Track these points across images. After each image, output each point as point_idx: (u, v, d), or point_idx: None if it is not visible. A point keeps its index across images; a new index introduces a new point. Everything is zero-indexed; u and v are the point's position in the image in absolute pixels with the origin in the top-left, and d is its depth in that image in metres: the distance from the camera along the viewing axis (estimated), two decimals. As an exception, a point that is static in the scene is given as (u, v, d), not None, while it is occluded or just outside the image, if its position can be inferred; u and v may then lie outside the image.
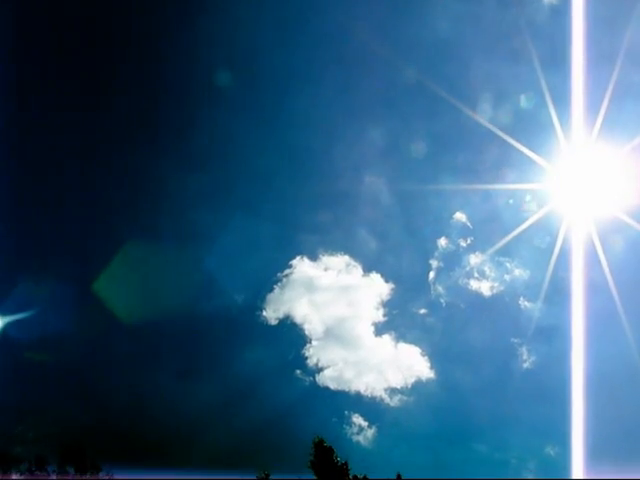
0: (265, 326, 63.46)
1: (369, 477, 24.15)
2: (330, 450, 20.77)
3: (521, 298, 70.48)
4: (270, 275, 77.60)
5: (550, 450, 61.10)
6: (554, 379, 61.50)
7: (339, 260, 66.76)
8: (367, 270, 79.02)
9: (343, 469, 20.76)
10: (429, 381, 62.49)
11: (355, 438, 60.73)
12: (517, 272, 71.31)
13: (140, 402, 60.12)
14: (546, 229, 58.11)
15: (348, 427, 58.24)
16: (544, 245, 65.36)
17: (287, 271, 62.24)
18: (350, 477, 20.70)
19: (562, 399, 63.25)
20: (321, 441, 21.06)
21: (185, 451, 57.14)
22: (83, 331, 54.07)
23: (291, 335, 66.63)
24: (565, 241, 44.77)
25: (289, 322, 64.16)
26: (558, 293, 66.24)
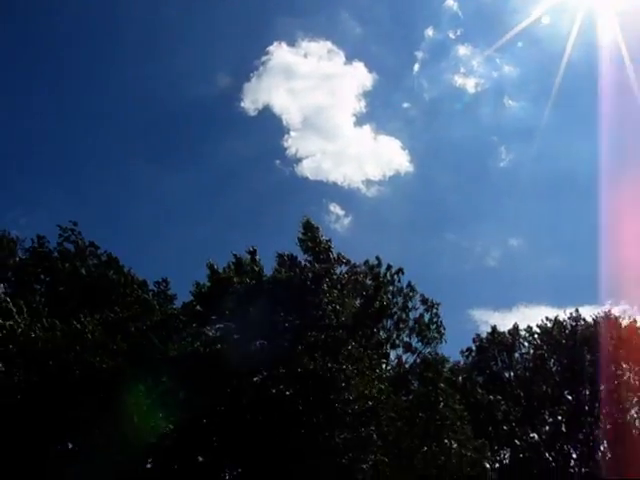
0: (243, 116, 62.25)
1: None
2: (317, 229, 21.71)
3: (506, 97, 69.24)
4: (246, 63, 73.80)
5: (514, 242, 65.14)
6: (529, 178, 63.33)
7: (320, 46, 63.05)
8: (350, 58, 75.00)
9: (328, 246, 21.90)
10: (407, 174, 63.95)
11: (332, 226, 63.34)
12: (506, 69, 68.94)
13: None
14: (549, 29, 54.93)
15: (326, 216, 60.54)
16: (544, 44, 62.33)
17: (264, 58, 59.13)
18: (334, 254, 21.92)
19: (534, 197, 65.54)
20: (308, 220, 21.89)
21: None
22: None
23: (270, 125, 65.74)
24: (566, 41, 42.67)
25: (267, 113, 62.85)
26: (545, 94, 65.03)
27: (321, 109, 66.65)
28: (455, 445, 24.15)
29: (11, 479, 19.33)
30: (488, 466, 30.28)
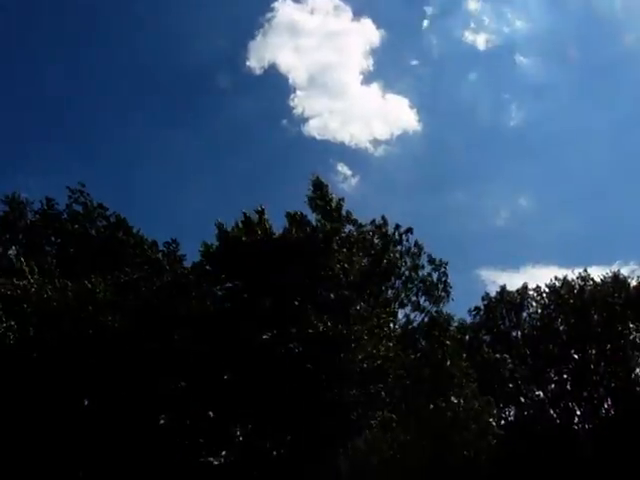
0: (249, 76, 61.50)
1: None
2: (326, 187, 21.62)
3: (517, 53, 67.81)
4: (251, 20, 72.35)
5: (523, 201, 64.72)
6: (539, 137, 62.47)
7: (326, 2, 61.59)
8: (357, 14, 73.55)
9: (339, 205, 21.85)
10: (415, 133, 63.25)
11: (340, 186, 63.04)
12: (518, 24, 67.31)
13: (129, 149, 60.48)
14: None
15: (333, 175, 60.21)
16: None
17: (269, 15, 58.02)
18: (344, 212, 21.89)
19: (544, 156, 64.81)
20: (318, 178, 21.79)
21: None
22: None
23: (276, 85, 64.94)
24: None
25: (273, 71, 61.99)
26: (557, 51, 63.56)
27: (328, 67, 65.57)
28: (462, 402, 24.52)
29: (27, 436, 19.80)
30: (494, 423, 30.73)
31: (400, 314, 30.55)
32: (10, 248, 31.24)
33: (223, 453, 22.48)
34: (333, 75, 64.78)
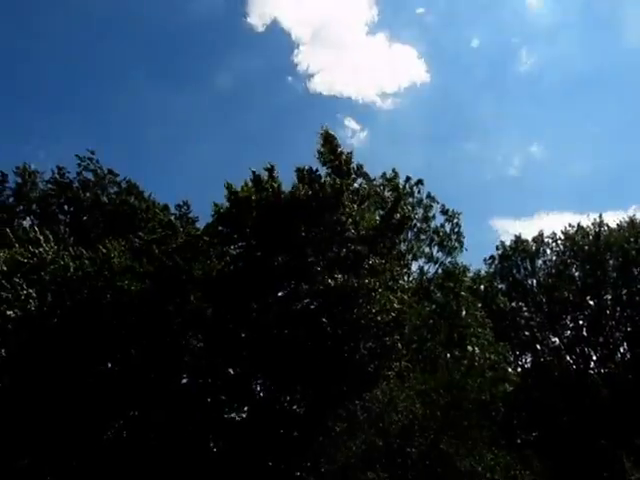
0: (251, 33, 60.33)
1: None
2: (335, 139, 21.41)
3: (527, -7, 65.65)
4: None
5: (535, 149, 63.74)
6: (551, 82, 60.97)
7: (327, -47, 59.60)
8: (359, -37, 70.88)
9: (349, 158, 21.66)
10: (424, 84, 62.15)
11: (349, 141, 62.28)
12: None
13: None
14: None
15: (341, 131, 59.52)
16: None
17: (267, -30, 56.25)
18: (353, 165, 21.71)
19: (556, 101, 63.21)
20: (327, 131, 21.56)
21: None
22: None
23: (278, 41, 63.75)
24: None
25: (275, 27, 60.81)
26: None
27: (331, 20, 64.17)
28: (477, 350, 24.75)
29: (53, 399, 20.35)
30: (510, 370, 31.06)
31: (414, 266, 30.65)
32: (25, 219, 31.60)
33: (245, 409, 22.99)
34: (337, 28, 63.43)
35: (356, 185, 22.19)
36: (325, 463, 15.86)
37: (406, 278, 25.98)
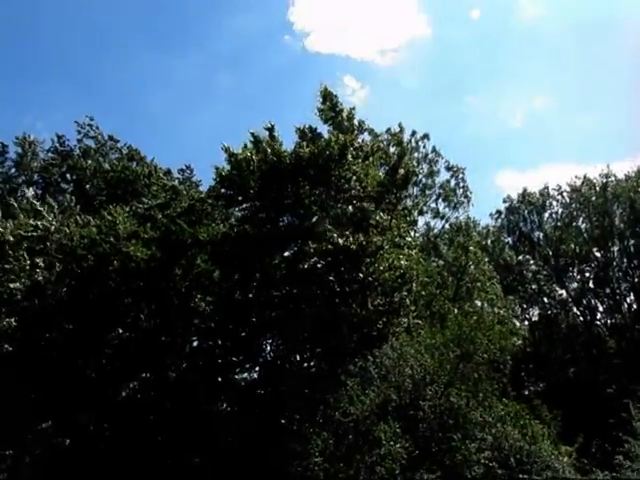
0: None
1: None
2: (335, 97, 21.03)
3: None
4: None
5: (539, 101, 62.61)
6: (554, 31, 59.39)
7: None
8: None
9: (351, 115, 21.30)
10: (424, 38, 60.78)
11: (349, 99, 61.22)
12: None
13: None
14: None
15: (341, 89, 58.59)
16: None
17: None
18: (356, 122, 21.36)
19: (559, 51, 61.75)
20: (326, 88, 21.17)
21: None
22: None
23: (272, 0, 62.12)
24: None
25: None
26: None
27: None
28: (486, 305, 24.79)
29: (67, 364, 20.58)
30: (518, 323, 31.20)
31: (420, 222, 30.49)
32: (27, 189, 31.44)
33: (256, 369, 23.23)
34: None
35: (359, 141, 21.82)
36: (340, 417, 16.04)
37: (413, 234, 25.83)
